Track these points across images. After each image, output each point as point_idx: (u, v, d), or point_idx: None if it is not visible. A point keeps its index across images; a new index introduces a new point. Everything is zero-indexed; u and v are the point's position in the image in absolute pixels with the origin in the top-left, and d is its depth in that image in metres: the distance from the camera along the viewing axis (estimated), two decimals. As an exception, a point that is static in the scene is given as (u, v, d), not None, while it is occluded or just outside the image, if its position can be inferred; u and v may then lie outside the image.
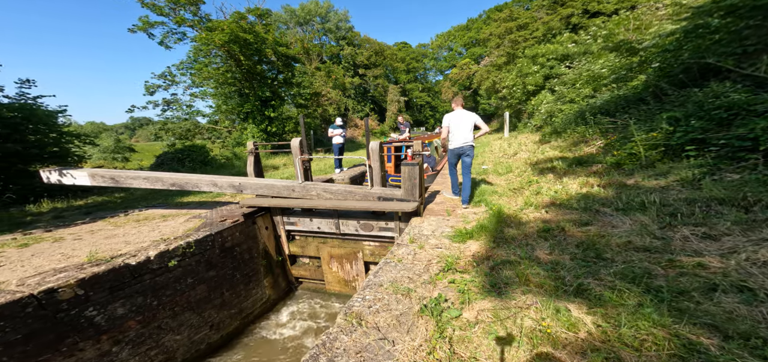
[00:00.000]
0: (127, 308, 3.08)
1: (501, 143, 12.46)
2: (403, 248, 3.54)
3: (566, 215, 3.77)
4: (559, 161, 6.17)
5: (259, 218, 5.07)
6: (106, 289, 2.86)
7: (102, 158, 19.36)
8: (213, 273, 4.20)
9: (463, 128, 4.74)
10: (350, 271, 5.77)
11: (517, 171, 6.69)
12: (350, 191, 4.83)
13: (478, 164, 8.50)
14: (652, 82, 6.54)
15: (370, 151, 4.80)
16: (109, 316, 2.91)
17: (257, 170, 5.35)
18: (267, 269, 5.50)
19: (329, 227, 5.33)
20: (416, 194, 4.46)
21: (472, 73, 35.12)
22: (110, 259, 3.04)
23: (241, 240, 4.65)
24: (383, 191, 4.72)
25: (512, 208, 4.42)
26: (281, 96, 17.67)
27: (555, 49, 13.93)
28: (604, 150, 6.08)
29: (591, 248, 2.90)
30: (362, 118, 40.59)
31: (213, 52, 14.20)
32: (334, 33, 40.45)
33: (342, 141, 9.61)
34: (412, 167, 4.32)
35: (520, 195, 5.04)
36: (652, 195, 3.72)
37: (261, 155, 15.69)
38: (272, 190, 4.98)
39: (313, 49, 25.38)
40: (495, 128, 26.36)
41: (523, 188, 5.28)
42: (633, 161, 5.08)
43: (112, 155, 20.01)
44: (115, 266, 2.93)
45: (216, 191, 5.03)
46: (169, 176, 5.08)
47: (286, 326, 5.21)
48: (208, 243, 4.04)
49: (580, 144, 7.08)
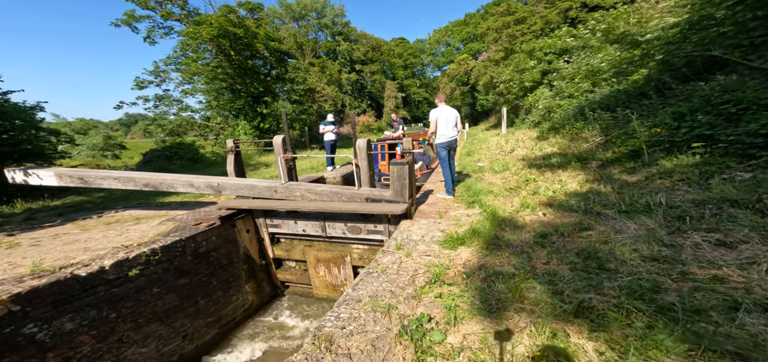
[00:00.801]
0: (77, 322, 2.78)
1: (498, 140, 12.18)
2: (388, 256, 3.25)
3: (565, 218, 3.49)
4: (557, 157, 5.90)
5: (239, 221, 4.76)
6: (49, 303, 2.56)
7: (91, 155, 18.87)
8: (185, 280, 3.89)
9: (449, 123, 4.97)
10: (338, 275, 5.49)
11: (514, 169, 6.41)
12: (336, 191, 4.53)
13: (474, 161, 8.22)
14: (654, 76, 6.26)
15: (357, 149, 4.49)
16: (55, 332, 2.62)
17: (238, 170, 5.03)
18: (249, 274, 5.20)
19: (315, 230, 5.03)
20: (406, 196, 4.17)
21: (469, 68, 34.79)
22: (57, 270, 2.74)
23: (217, 245, 4.34)
24: (371, 192, 4.43)
25: (508, 210, 4.14)
26: (274, 92, 17.27)
27: (553, 44, 13.60)
28: (603, 147, 5.81)
29: (592, 257, 2.62)
30: (359, 114, 40.20)
31: (201, 47, 13.76)
32: (331, 28, 39.90)
33: (334, 138, 9.30)
34: (401, 167, 4.03)
35: (516, 195, 4.76)
36: (657, 195, 3.45)
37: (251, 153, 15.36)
38: (253, 191, 4.66)
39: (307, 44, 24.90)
40: (492, 124, 26.07)
41: (519, 188, 5.00)
42: (635, 158, 4.81)
43: (102, 152, 19.53)
44: (60, 278, 2.62)
45: (193, 191, 4.71)
46: (142, 176, 4.75)
47: (269, 333, 4.94)
48: (178, 249, 3.73)
49: (579, 140, 6.80)
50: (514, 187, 5.09)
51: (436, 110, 4.98)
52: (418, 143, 8.13)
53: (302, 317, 5.43)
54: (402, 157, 4.19)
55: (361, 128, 37.49)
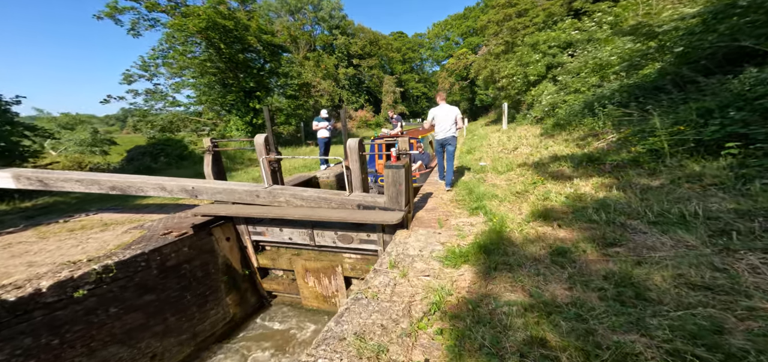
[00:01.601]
0: (7, 353, 2.32)
1: (499, 136, 11.71)
2: (381, 277, 2.79)
3: (585, 231, 3.03)
4: (566, 157, 5.43)
5: (217, 229, 4.28)
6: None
7: (78, 151, 18.22)
8: (151, 297, 3.42)
9: (447, 121, 5.11)
10: (329, 286, 5.03)
11: (519, 169, 5.95)
12: (325, 197, 4.05)
13: (476, 160, 7.75)
14: (671, 69, 5.79)
15: (347, 150, 4.01)
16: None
17: (217, 171, 4.54)
18: (230, 285, 4.74)
19: (302, 239, 4.56)
20: (402, 203, 3.70)
21: (469, 63, 34.19)
22: (-23, 298, 2.27)
23: (190, 256, 3.86)
24: (364, 198, 3.95)
25: (516, 219, 3.68)
26: (267, 87, 16.66)
27: (557, 37, 13.08)
28: (617, 145, 5.35)
29: (626, 283, 2.17)
30: (356, 109, 39.57)
31: (189, 39, 13.13)
32: (327, 22, 39.05)
33: (328, 135, 8.79)
34: (396, 171, 3.55)
35: (524, 200, 4.29)
36: (690, 204, 3.00)
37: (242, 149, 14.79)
38: (232, 195, 4.18)
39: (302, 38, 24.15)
40: (492, 120, 25.56)
41: (527, 192, 4.54)
42: (654, 159, 4.36)
43: (90, 148, 18.88)
44: (-23, 309, 2.16)
45: (165, 195, 4.22)
46: (108, 179, 4.25)
47: (254, 345, 4.50)
48: (140, 264, 3.25)
49: (589, 138, 6.34)
50: (522, 191, 4.62)
51: (435, 108, 5.24)
52: (417, 142, 7.66)
53: (290, 328, 4.99)
54: (397, 159, 3.70)
55: (358, 123, 36.85)
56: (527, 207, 4.01)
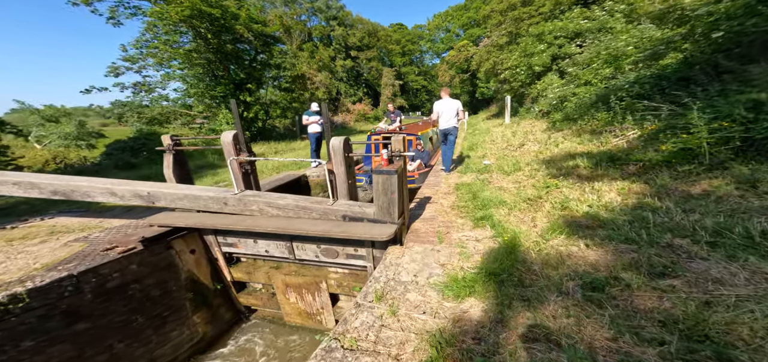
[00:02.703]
0: None
1: (503, 131, 11.07)
2: (364, 315, 2.19)
3: (622, 254, 2.42)
4: (582, 157, 4.81)
5: (178, 240, 3.67)
6: None
7: (62, 144, 17.50)
8: (85, 324, 2.82)
9: (449, 114, 5.68)
10: (313, 303, 4.44)
11: (527, 169, 5.32)
12: (304, 206, 3.43)
13: (479, 158, 7.12)
14: (701, 58, 5.13)
15: (331, 151, 3.38)
16: None
17: (181, 174, 3.91)
18: (198, 303, 4.14)
19: (280, 252, 3.95)
20: (395, 214, 3.08)
21: (470, 55, 33.31)
22: None
23: (141, 274, 3.25)
24: (350, 208, 3.33)
25: (531, 235, 3.06)
26: (259, 79, 15.89)
27: (564, 27, 12.35)
28: (641, 143, 4.72)
29: (699, 334, 1.57)
30: (355, 102, 38.75)
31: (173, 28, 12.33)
32: (324, 12, 37.98)
33: (319, 130, 8.13)
34: (388, 177, 2.93)
35: (538, 209, 3.68)
36: (755, 220, 2.39)
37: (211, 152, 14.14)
38: (196, 202, 3.56)
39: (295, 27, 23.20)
40: (494, 113, 24.83)
41: (541, 198, 3.92)
42: (689, 160, 3.74)
43: (75, 142, 18.15)
44: None
45: (116, 201, 3.59)
46: (49, 181, 3.61)
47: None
48: (67, 288, 2.65)
49: (605, 134, 5.71)
50: (534, 197, 4.00)
51: (439, 102, 5.76)
52: (416, 139, 7.02)
53: (270, 347, 4.43)
54: (390, 162, 3.07)
55: (356, 116, 36.05)
56: (543, 218, 3.40)
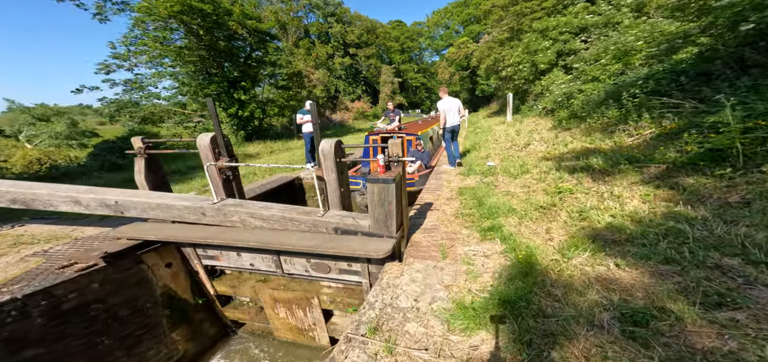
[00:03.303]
0: None
1: (506, 129, 10.69)
2: (355, 352, 1.82)
3: (661, 276, 2.05)
4: (597, 157, 4.44)
5: (152, 254, 3.29)
6: None
7: (53, 144, 17.08)
8: (36, 351, 2.46)
9: (454, 111, 5.95)
10: (305, 319, 4.08)
11: (536, 172, 4.95)
12: (292, 218, 3.06)
13: (482, 158, 6.74)
14: (724, 51, 4.75)
15: (320, 155, 3.00)
16: None
17: (154, 179, 3.53)
18: (177, 319, 3.79)
19: (267, 265, 3.58)
20: (392, 227, 2.71)
21: (470, 52, 32.87)
22: None
23: (104, 292, 2.88)
24: (342, 219, 2.96)
25: (548, 250, 2.70)
26: (254, 76, 15.45)
27: (569, 22, 11.95)
28: (660, 143, 4.35)
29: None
30: (353, 100, 38.30)
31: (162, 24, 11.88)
32: (322, 9, 37.43)
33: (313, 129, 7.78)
34: (384, 187, 2.55)
35: (553, 218, 3.31)
36: (815, 240, 2.02)
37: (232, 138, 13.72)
38: (169, 212, 3.18)
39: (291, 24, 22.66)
40: (494, 111, 24.44)
41: (554, 206, 3.55)
42: (718, 161, 3.38)
43: (67, 141, 17.71)
44: None
45: (81, 210, 3.21)
46: (6, 189, 3.22)
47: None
48: (9, 312, 2.28)
49: (618, 133, 5.33)
50: (547, 204, 3.63)
51: (443, 102, 5.92)
52: (415, 139, 6.63)
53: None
54: (386, 169, 2.69)
55: (355, 114, 35.60)
56: (559, 229, 3.03)
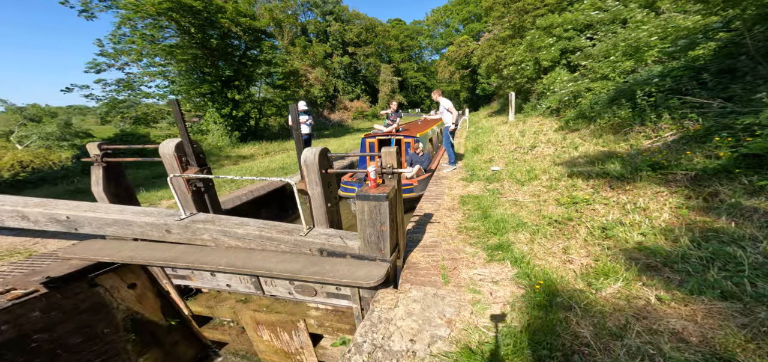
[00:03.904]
0: None
1: (508, 130, 10.26)
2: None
3: (718, 317, 1.64)
4: (615, 162, 4.02)
5: (111, 275, 2.88)
6: None
7: (44, 145, 16.64)
8: None
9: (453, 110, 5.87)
10: (291, 342, 3.68)
11: (545, 178, 4.54)
12: (270, 236, 2.65)
13: (485, 162, 6.33)
14: (751, 46, 4.34)
15: (303, 166, 2.60)
16: None
17: (116, 191, 3.12)
18: (145, 343, 3.38)
19: (245, 287, 3.17)
20: (386, 250, 2.30)
21: (470, 51, 32.47)
22: None
23: (51, 321, 2.46)
24: (328, 239, 2.55)
25: (568, 275, 2.29)
26: (249, 75, 15.00)
27: (574, 18, 11.53)
28: (682, 146, 3.94)
29: None
30: (352, 100, 37.89)
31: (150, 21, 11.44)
32: (320, 7, 36.98)
33: (308, 131, 7.35)
34: (376, 205, 2.14)
35: (570, 235, 2.89)
36: None
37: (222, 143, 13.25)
38: (129, 229, 2.77)
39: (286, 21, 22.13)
40: (495, 110, 24.00)
41: (571, 220, 3.14)
42: (755, 168, 2.98)
43: (58, 142, 17.28)
44: None
45: (29, 226, 2.80)
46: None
47: None
48: None
49: (633, 135, 4.93)
50: (562, 217, 3.22)
51: (446, 101, 5.86)
52: (414, 141, 6.21)
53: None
54: (378, 182, 2.27)
55: (354, 114, 35.14)
56: (579, 249, 2.62)
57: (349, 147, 11.87)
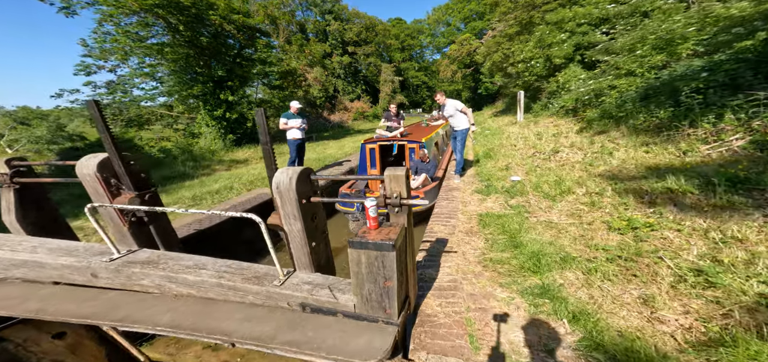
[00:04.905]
0: None
1: (520, 132, 9.49)
2: None
3: None
4: (674, 176, 3.26)
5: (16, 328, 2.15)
6: None
7: (33, 149, 16.00)
8: None
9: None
10: (272, 402, 2.93)
11: (582, 192, 3.78)
12: (234, 286, 1.91)
13: (500, 170, 5.57)
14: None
15: (275, 194, 1.85)
16: None
17: (35, 219, 2.38)
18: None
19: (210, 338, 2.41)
20: (393, 309, 1.57)
21: (472, 49, 31.75)
22: None
23: None
24: (312, 291, 1.81)
25: (664, 345, 1.53)
26: (243, 75, 14.28)
27: (588, 13, 10.79)
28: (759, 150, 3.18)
29: None
30: (352, 100, 37.15)
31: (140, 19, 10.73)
32: (319, 6, 36.28)
33: (300, 136, 6.53)
34: (379, 255, 1.40)
35: (647, 278, 2.13)
36: None
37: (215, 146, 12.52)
38: (42, 272, 2.04)
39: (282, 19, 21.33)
40: (500, 110, 23.21)
41: (640, 256, 2.37)
42: None
43: (48, 146, 16.61)
44: None
45: None
46: None
47: None
48: None
49: (683, 137, 4.17)
50: (627, 250, 2.45)
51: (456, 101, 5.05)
52: (419, 147, 5.46)
53: None
54: (378, 221, 1.51)
55: (354, 114, 34.38)
56: (668, 300, 1.86)
57: (349, 151, 11.13)
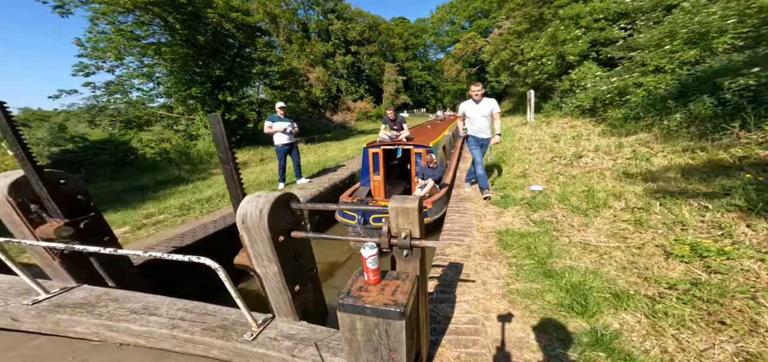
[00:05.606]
0: None
1: (532, 133, 8.93)
2: None
3: None
4: (735, 187, 2.72)
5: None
6: None
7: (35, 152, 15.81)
8: None
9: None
10: None
11: (620, 206, 3.24)
12: (192, 339, 1.42)
13: (517, 177, 5.05)
14: None
15: (241, 231, 1.36)
16: None
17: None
18: None
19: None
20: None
21: (478, 48, 31.12)
22: None
23: None
24: (293, 351, 1.32)
25: None
26: (242, 75, 13.90)
27: (606, 7, 10.20)
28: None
29: None
30: (356, 100, 36.73)
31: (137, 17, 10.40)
32: (321, 5, 35.90)
33: (287, 141, 5.84)
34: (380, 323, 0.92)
35: (737, 325, 1.60)
36: None
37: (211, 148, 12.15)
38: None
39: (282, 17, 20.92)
40: (507, 109, 22.55)
41: (724, 296, 1.84)
42: None
43: (49, 148, 16.41)
44: None
45: None
46: None
47: None
48: None
49: (731, 139, 3.61)
50: (705, 289, 1.93)
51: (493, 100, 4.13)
52: (426, 152, 4.98)
53: None
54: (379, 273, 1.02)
55: (357, 115, 33.94)
56: None
57: (351, 153, 10.66)
